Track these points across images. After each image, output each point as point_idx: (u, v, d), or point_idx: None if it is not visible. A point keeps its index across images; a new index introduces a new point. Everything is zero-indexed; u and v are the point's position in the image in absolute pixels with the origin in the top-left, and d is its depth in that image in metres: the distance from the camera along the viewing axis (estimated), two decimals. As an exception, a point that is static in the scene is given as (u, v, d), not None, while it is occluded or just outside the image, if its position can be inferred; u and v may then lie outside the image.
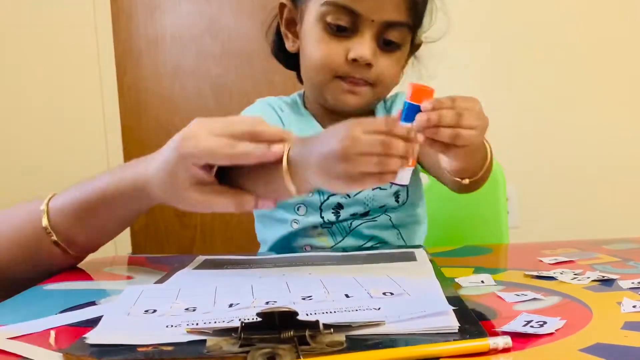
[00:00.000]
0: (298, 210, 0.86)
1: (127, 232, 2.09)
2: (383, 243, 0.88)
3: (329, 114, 0.86)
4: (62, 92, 1.99)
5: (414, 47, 0.87)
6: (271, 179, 0.59)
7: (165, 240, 2.14)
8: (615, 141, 1.95)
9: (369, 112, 0.89)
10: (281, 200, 0.63)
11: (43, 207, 0.65)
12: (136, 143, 2.09)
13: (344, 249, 0.83)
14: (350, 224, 0.87)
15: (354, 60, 0.77)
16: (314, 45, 0.80)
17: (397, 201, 0.87)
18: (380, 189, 0.86)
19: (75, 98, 1.99)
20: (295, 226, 0.86)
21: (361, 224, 0.87)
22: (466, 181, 0.72)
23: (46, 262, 0.67)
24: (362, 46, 0.77)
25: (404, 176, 0.58)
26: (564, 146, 1.96)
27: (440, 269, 0.64)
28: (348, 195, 0.85)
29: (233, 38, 2.09)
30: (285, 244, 0.88)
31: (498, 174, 1.08)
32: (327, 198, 0.85)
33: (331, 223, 0.86)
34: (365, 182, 0.54)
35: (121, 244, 2.06)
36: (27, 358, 0.40)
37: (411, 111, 0.58)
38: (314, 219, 0.86)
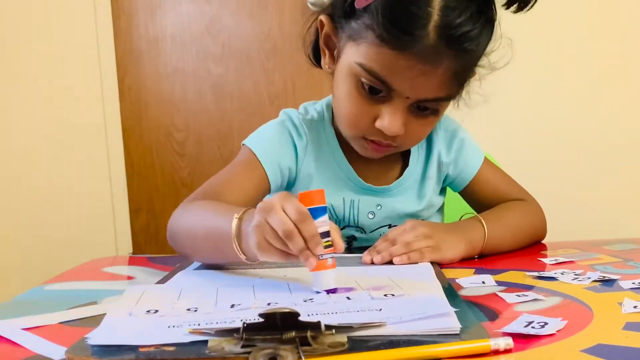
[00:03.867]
0: None
1: (127, 232, 2.09)
2: None
3: None
4: (62, 92, 1.98)
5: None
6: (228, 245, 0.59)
7: (166, 240, 2.14)
8: (616, 141, 1.95)
9: None
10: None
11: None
12: (137, 143, 2.09)
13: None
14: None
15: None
16: (344, 96, 0.73)
17: None
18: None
19: (76, 98, 1.99)
20: None
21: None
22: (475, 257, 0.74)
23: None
24: (392, 120, 0.69)
25: (319, 282, 0.54)
26: (564, 146, 1.96)
27: (441, 270, 0.64)
28: (363, 231, 0.83)
29: (233, 38, 2.09)
30: None
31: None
32: (343, 228, 0.83)
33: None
34: (272, 254, 0.54)
35: (122, 244, 2.06)
36: (32, 351, 0.40)
37: (317, 212, 0.54)
38: None
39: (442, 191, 0.89)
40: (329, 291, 0.53)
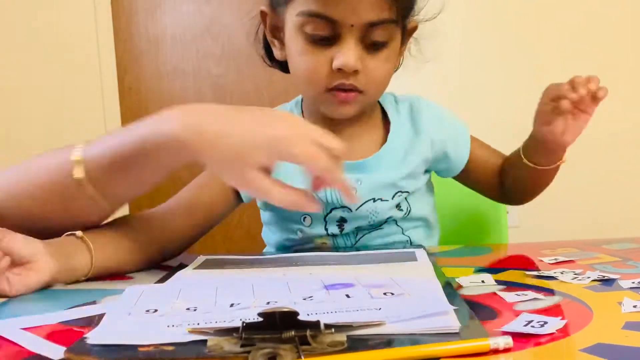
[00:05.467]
0: (304, 220, 0.85)
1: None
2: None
3: (327, 120, 0.83)
4: (63, 92, 1.99)
5: (409, 31, 0.82)
6: None
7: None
8: (615, 141, 1.95)
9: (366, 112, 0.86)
10: None
11: (76, 157, 0.62)
12: (136, 143, 2.10)
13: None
14: (356, 236, 0.86)
15: (340, 69, 0.73)
16: (297, 57, 0.76)
17: (400, 210, 0.86)
18: (382, 200, 0.83)
19: (76, 98, 2.00)
20: (301, 235, 0.86)
21: (366, 234, 0.86)
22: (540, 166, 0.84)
23: (80, 214, 0.65)
24: (346, 54, 0.72)
25: None
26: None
27: (440, 268, 0.64)
28: (350, 209, 0.83)
29: (233, 38, 2.09)
30: (289, 250, 0.87)
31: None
32: (330, 211, 0.84)
33: (335, 235, 0.85)
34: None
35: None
36: (31, 351, 0.40)
37: None
38: (319, 230, 0.85)
39: (427, 172, 0.90)
40: None
